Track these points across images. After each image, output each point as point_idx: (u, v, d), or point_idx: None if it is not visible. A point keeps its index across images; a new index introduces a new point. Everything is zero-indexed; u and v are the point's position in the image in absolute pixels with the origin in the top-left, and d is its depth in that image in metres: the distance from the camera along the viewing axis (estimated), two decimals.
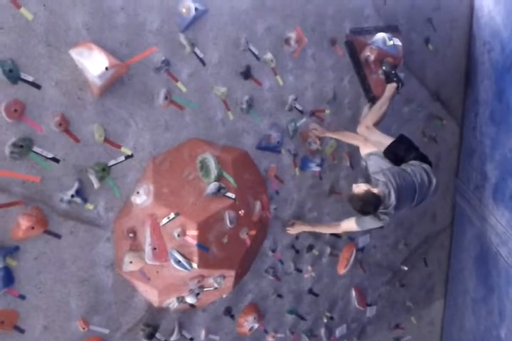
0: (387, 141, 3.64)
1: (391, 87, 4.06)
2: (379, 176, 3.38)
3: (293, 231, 3.98)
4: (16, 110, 2.48)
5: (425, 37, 4.79)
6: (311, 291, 4.48)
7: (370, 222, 3.50)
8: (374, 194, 3.25)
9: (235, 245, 3.35)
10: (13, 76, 2.45)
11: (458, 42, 5.19)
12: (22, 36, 2.47)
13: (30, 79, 2.52)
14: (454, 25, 5.09)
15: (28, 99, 2.54)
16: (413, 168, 3.52)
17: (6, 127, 2.50)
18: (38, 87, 2.56)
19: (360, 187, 3.29)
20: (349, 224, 3.64)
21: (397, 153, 3.61)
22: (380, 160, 3.54)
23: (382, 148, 3.62)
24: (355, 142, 3.81)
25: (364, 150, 3.67)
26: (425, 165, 3.59)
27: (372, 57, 4.13)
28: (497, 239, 4.62)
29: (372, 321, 5.40)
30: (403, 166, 3.56)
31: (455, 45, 5.16)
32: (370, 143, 3.64)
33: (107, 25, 2.75)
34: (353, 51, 4.12)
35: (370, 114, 3.94)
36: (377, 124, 3.85)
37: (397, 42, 4.23)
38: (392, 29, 4.36)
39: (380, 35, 4.16)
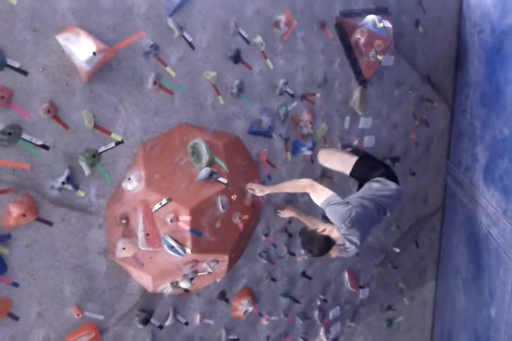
0: (349, 161, 3.67)
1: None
2: (343, 230, 3.17)
3: (284, 214, 3.99)
4: (3, 97, 2.45)
5: (415, 19, 4.77)
6: (304, 274, 4.53)
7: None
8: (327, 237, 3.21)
9: (228, 230, 3.36)
10: None
11: (448, 24, 5.17)
12: (7, 21, 2.42)
13: (17, 65, 2.49)
14: (444, 7, 5.06)
15: (15, 86, 2.51)
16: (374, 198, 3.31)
17: None
18: (24, 73, 2.52)
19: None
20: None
21: (363, 173, 3.60)
22: (338, 209, 3.13)
23: (347, 170, 3.69)
24: (300, 190, 3.47)
25: (319, 198, 3.23)
26: (388, 183, 3.43)
27: (362, 40, 4.11)
28: (487, 219, 4.66)
29: (365, 303, 5.47)
30: (363, 192, 3.39)
31: (445, 27, 5.14)
32: (319, 187, 3.27)
33: (94, 9, 2.71)
34: (343, 34, 4.10)
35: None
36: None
37: (387, 24, 4.22)
38: (382, 11, 4.34)
39: (370, 18, 4.15)
